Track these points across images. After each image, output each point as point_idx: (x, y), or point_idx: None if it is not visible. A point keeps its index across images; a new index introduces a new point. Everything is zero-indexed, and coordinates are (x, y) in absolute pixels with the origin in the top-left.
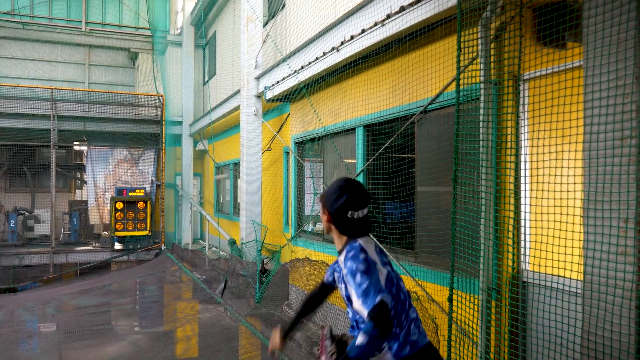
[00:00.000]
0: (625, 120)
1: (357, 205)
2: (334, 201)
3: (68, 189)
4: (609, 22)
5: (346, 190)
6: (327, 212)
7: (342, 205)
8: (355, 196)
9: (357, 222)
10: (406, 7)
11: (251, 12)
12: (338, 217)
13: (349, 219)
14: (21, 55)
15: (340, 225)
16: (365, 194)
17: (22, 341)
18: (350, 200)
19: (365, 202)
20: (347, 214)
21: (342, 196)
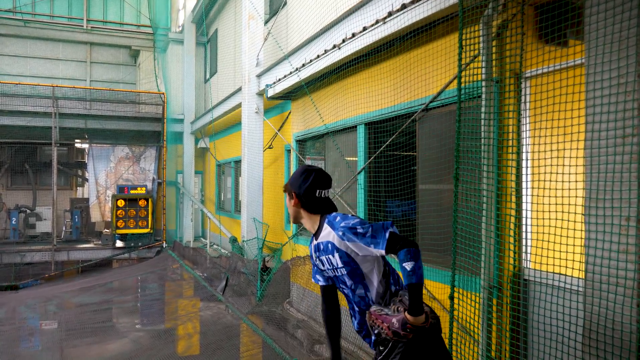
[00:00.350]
0: (627, 118)
1: (323, 184)
2: (302, 182)
3: (69, 187)
4: (611, 19)
5: (312, 172)
6: (295, 195)
7: (310, 185)
8: (320, 176)
9: (325, 200)
10: (407, 5)
11: (252, 10)
12: (308, 197)
13: (318, 198)
14: (23, 52)
15: (311, 205)
16: (328, 175)
17: (23, 339)
18: (317, 179)
19: (329, 182)
20: (316, 193)
21: (309, 177)
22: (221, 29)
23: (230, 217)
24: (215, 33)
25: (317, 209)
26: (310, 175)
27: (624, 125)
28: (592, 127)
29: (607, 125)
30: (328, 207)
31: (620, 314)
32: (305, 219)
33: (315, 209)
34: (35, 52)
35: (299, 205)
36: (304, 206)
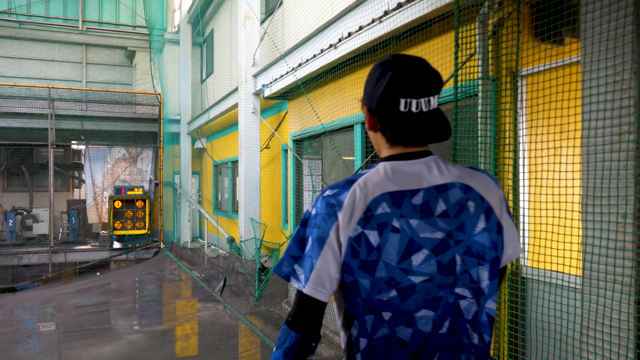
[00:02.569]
0: (624, 116)
1: (414, 87)
2: (374, 86)
3: (66, 188)
4: (607, 17)
5: (392, 65)
6: (367, 111)
7: (388, 88)
8: (408, 72)
9: (425, 118)
10: (403, 4)
11: (248, 10)
12: (386, 112)
13: (405, 114)
14: (18, 54)
15: (395, 128)
16: (428, 70)
17: (21, 341)
18: (400, 77)
19: (428, 81)
20: (400, 104)
21: (383, 75)
22: (217, 29)
23: (228, 218)
24: (211, 33)
25: (407, 134)
26: (388, 71)
27: (620, 123)
28: (589, 124)
29: (604, 123)
30: (433, 132)
31: (618, 311)
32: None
33: (403, 135)
34: (30, 53)
35: (376, 128)
36: (383, 130)
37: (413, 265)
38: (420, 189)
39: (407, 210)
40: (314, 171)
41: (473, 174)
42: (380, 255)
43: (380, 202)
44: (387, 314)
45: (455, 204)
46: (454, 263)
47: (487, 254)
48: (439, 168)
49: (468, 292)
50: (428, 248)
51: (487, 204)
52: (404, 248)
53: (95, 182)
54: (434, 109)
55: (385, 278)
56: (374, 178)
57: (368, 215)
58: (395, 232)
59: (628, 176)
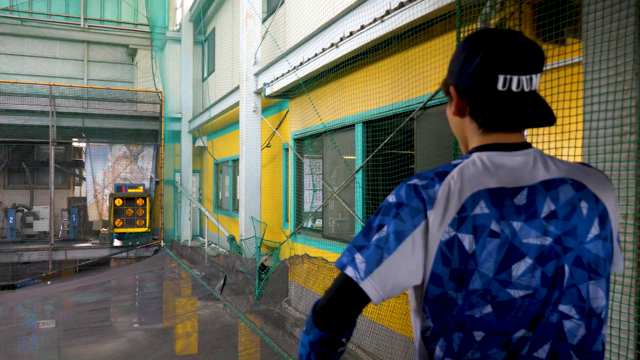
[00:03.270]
0: (625, 116)
1: (516, 62)
2: (465, 61)
3: (67, 186)
4: (609, 17)
5: (488, 37)
6: (454, 90)
7: (482, 64)
8: (508, 44)
9: (522, 99)
10: (405, 3)
11: (250, 8)
12: (480, 90)
13: (505, 93)
14: (19, 51)
15: (491, 110)
16: (530, 43)
17: (21, 338)
18: (500, 50)
19: (533, 57)
20: (499, 81)
21: (478, 48)
22: (219, 28)
23: (228, 216)
24: (213, 32)
25: (506, 117)
26: (483, 43)
27: (621, 124)
28: (590, 125)
29: (605, 124)
30: (536, 116)
31: (618, 312)
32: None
33: (501, 119)
34: (32, 50)
35: (464, 112)
36: (475, 114)
37: (513, 276)
38: (524, 187)
39: (509, 212)
40: (314, 170)
41: (586, 171)
42: (476, 264)
43: (478, 200)
44: (479, 333)
45: (566, 204)
46: (562, 275)
47: (600, 266)
48: (544, 162)
49: (575, 311)
50: (532, 256)
51: (602, 206)
52: (502, 256)
53: (96, 180)
54: (534, 89)
55: (480, 291)
56: (470, 171)
57: (463, 216)
58: (494, 237)
59: (629, 177)
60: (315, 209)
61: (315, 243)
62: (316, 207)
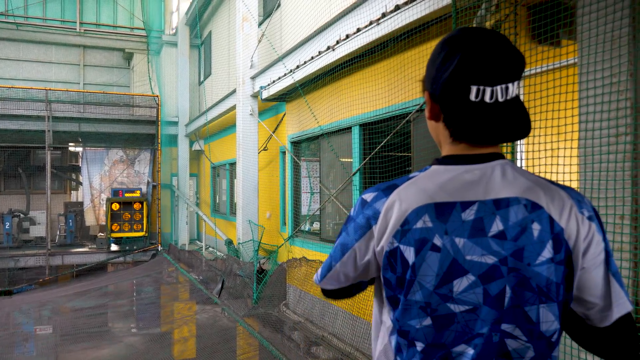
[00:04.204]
0: (620, 117)
1: (490, 72)
2: (439, 67)
3: (63, 191)
4: (603, 19)
5: (463, 42)
6: (428, 95)
7: (456, 72)
8: (483, 52)
9: (499, 111)
10: (401, 6)
11: (246, 12)
12: (451, 101)
13: (475, 104)
14: (15, 56)
15: (460, 122)
16: (508, 49)
17: (18, 344)
18: (473, 60)
19: (509, 65)
20: (471, 92)
21: (453, 55)
22: (215, 31)
23: (226, 220)
24: (209, 35)
25: (477, 130)
26: (458, 50)
27: (617, 124)
28: (586, 126)
29: (601, 125)
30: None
31: None
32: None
33: (471, 131)
34: (28, 55)
35: (438, 117)
36: (447, 122)
37: (454, 291)
38: (475, 202)
39: (455, 227)
40: (312, 173)
41: (548, 190)
42: (416, 276)
43: (422, 214)
44: (420, 344)
45: (516, 225)
46: (503, 295)
47: (552, 291)
48: (504, 176)
49: (520, 332)
50: (475, 274)
51: (558, 228)
52: (444, 271)
53: (93, 185)
54: (511, 98)
55: (421, 303)
56: (421, 184)
57: (405, 229)
58: (435, 251)
59: (625, 177)
60: (312, 212)
61: (313, 246)
62: (314, 210)
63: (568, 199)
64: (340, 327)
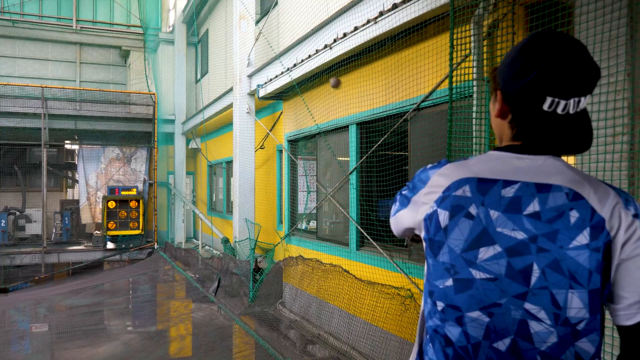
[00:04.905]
0: (617, 117)
1: (567, 85)
2: (517, 73)
3: (59, 188)
4: (601, 19)
5: (544, 52)
6: (500, 92)
7: (532, 85)
8: (562, 66)
9: (565, 122)
10: (399, 5)
11: (243, 10)
12: (524, 106)
13: (548, 114)
14: (11, 53)
15: (529, 126)
16: (586, 63)
17: (13, 342)
18: (552, 73)
19: (585, 80)
20: (545, 102)
21: (531, 63)
22: (212, 29)
23: (222, 218)
24: (206, 33)
25: (542, 139)
26: (538, 60)
27: (614, 124)
28: None
29: (598, 124)
30: (572, 141)
31: None
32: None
33: (537, 139)
34: (24, 52)
35: (505, 116)
36: (514, 123)
37: (479, 258)
38: (517, 182)
39: (492, 200)
40: (308, 171)
41: (596, 185)
42: (446, 238)
43: (464, 184)
44: (441, 304)
45: (553, 209)
46: (529, 272)
47: (584, 277)
48: (553, 168)
49: (545, 314)
50: (502, 246)
51: (599, 219)
52: (473, 237)
53: (89, 182)
54: (580, 110)
55: (447, 264)
56: (472, 163)
57: (445, 195)
58: (468, 218)
59: (621, 177)
60: (309, 211)
61: (310, 244)
62: (310, 208)
63: (615, 196)
64: (337, 325)
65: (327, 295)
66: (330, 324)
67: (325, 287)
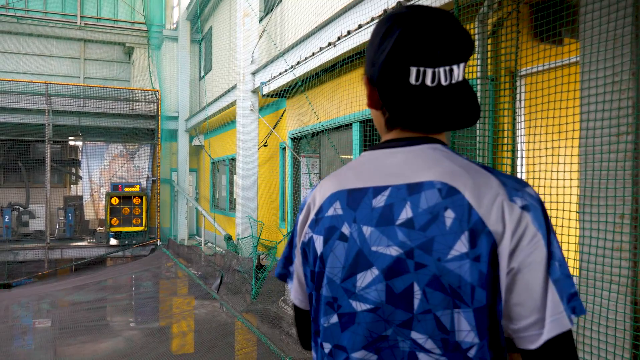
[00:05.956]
0: (622, 116)
1: (431, 51)
2: (377, 49)
3: (63, 185)
4: (606, 17)
5: (403, 20)
6: (367, 82)
7: (393, 54)
8: (424, 30)
9: (439, 94)
10: (403, 3)
11: (247, 7)
12: (390, 85)
13: (415, 87)
14: (15, 49)
15: (398, 108)
16: (453, 27)
17: (16, 337)
18: (413, 38)
19: (453, 44)
20: (410, 74)
21: (390, 33)
22: (216, 27)
23: (225, 215)
24: (210, 30)
25: (414, 116)
26: (396, 28)
27: (618, 123)
28: (587, 125)
29: (602, 123)
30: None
31: (614, 311)
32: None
33: (408, 117)
34: (28, 48)
35: (378, 104)
36: (388, 107)
37: (357, 286)
38: (388, 187)
39: (364, 214)
40: (311, 169)
41: (476, 174)
42: (325, 268)
43: (334, 201)
44: (327, 345)
45: (426, 212)
46: (411, 295)
47: (465, 293)
48: (427, 159)
49: (432, 344)
50: (379, 267)
51: (476, 217)
52: (350, 263)
53: (92, 179)
54: (457, 82)
55: (328, 298)
56: (343, 171)
57: (319, 217)
58: (342, 241)
59: (626, 177)
60: None
61: None
62: None
63: (498, 185)
64: None
65: None
66: None
67: None
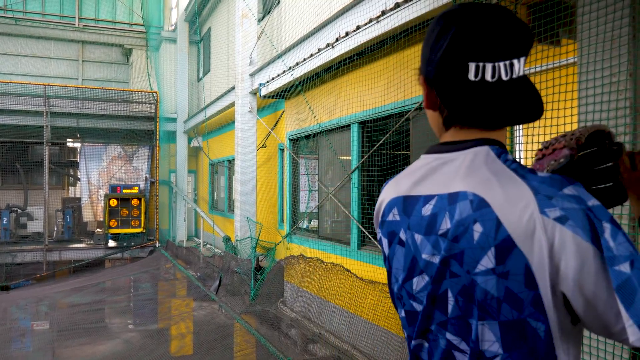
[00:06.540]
0: (619, 117)
1: (490, 46)
2: (433, 47)
3: (61, 186)
4: (603, 18)
5: (459, 16)
6: (424, 81)
7: (450, 51)
8: (481, 25)
9: (499, 90)
10: (401, 4)
11: (246, 9)
12: (448, 81)
13: (475, 84)
14: (14, 51)
15: (458, 104)
16: (512, 21)
17: (15, 340)
18: (470, 33)
19: (513, 39)
20: (469, 70)
21: (446, 30)
22: (214, 28)
23: (224, 217)
24: (208, 32)
25: (476, 113)
26: (453, 25)
27: (616, 124)
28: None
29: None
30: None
31: None
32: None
33: (470, 114)
34: (26, 50)
35: (435, 105)
36: (446, 105)
37: (414, 289)
38: (434, 196)
39: (415, 222)
40: (310, 170)
41: (509, 182)
42: (391, 268)
43: (393, 206)
44: (405, 332)
45: (459, 223)
46: (446, 299)
47: (491, 307)
48: (468, 166)
49: (465, 346)
50: (429, 274)
51: (504, 235)
52: (408, 267)
53: (91, 180)
54: (517, 77)
55: (397, 294)
56: (401, 176)
57: (382, 220)
58: (401, 246)
59: None
60: (310, 210)
61: (311, 243)
62: (312, 207)
63: (530, 195)
64: (338, 324)
65: (328, 294)
66: (331, 323)
67: (326, 286)
